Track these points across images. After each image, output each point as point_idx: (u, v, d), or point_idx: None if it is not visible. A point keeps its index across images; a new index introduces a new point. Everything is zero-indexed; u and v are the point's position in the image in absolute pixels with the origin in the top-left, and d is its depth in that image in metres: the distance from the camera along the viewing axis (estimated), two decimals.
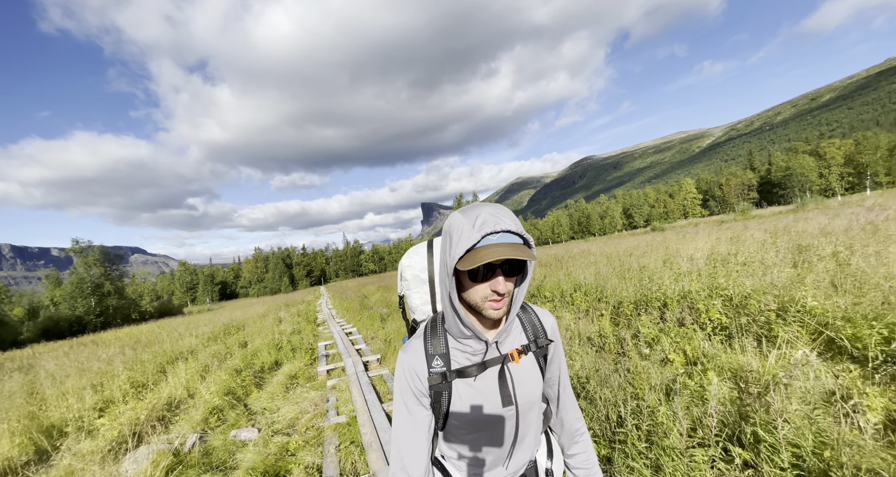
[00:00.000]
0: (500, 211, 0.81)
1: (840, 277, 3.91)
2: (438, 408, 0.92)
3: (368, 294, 17.97)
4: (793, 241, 6.74)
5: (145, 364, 7.59)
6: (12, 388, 6.50)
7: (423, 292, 1.11)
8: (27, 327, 33.02)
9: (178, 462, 3.62)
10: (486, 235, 0.76)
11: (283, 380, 6.02)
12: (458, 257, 0.78)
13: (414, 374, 0.90)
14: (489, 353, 0.92)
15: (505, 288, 0.80)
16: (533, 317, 1.01)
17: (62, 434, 4.82)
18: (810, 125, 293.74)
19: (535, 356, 0.97)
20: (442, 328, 0.95)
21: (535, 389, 0.97)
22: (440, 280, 0.90)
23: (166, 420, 4.95)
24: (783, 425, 1.82)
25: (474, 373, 0.90)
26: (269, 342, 8.67)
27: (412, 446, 0.88)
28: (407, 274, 1.13)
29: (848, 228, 7.70)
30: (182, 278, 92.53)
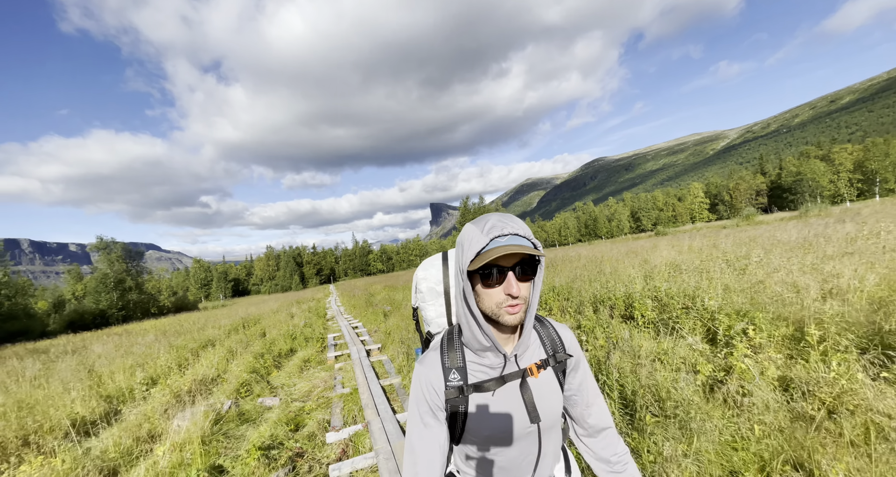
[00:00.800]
0: (508, 217, 0.84)
1: (738, 283, 4.82)
2: (454, 423, 0.90)
3: (375, 293, 19.08)
4: (733, 251, 7.61)
5: (179, 349, 8.79)
6: (71, 366, 7.72)
7: (438, 305, 1.12)
8: (53, 319, 35.02)
9: (219, 418, 4.70)
10: (495, 238, 0.80)
11: (297, 363, 7.11)
12: (469, 260, 0.82)
13: (430, 387, 0.89)
14: (507, 367, 0.90)
15: (518, 290, 0.81)
16: (551, 331, 1.00)
17: (121, 401, 5.97)
18: (829, 128, 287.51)
19: (555, 371, 0.96)
20: (458, 341, 0.94)
21: (556, 405, 0.95)
22: (456, 292, 0.91)
23: (204, 391, 6.05)
24: (616, 374, 2.79)
25: (492, 388, 0.89)
26: (285, 333, 9.81)
27: (426, 460, 0.86)
28: (422, 286, 1.15)
29: (804, 239, 8.52)
30: (197, 275, 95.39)
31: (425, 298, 1.14)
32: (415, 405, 0.91)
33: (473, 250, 0.81)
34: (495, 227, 0.81)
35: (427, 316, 1.15)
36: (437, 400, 0.89)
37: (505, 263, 0.81)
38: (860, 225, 9.71)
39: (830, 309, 3.31)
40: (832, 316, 3.16)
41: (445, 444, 0.90)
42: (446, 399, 0.89)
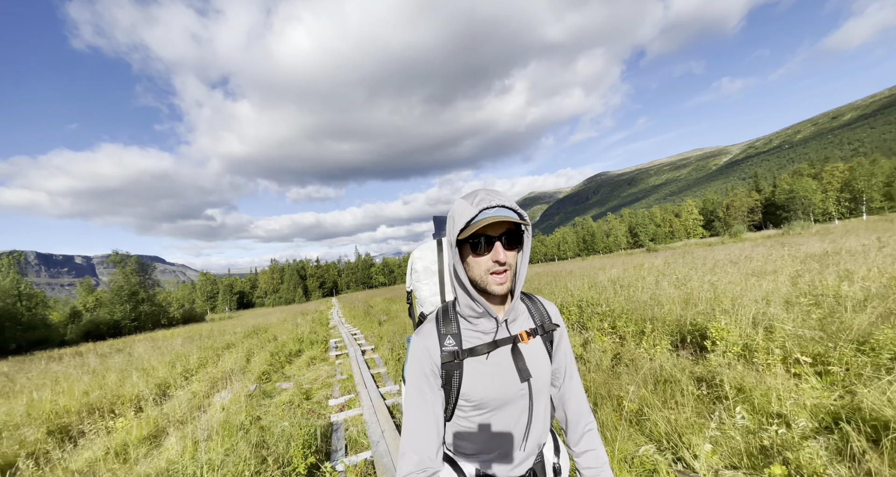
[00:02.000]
0: (495, 191, 0.89)
1: (642, 295, 6.42)
2: (449, 389, 0.93)
3: (374, 305, 20.63)
4: (669, 269, 9.18)
5: (206, 350, 10.41)
6: (119, 363, 9.36)
7: (432, 284, 1.18)
8: (70, 330, 36.71)
9: (249, 395, 6.28)
10: (483, 210, 0.85)
11: (305, 360, 8.69)
12: (459, 230, 0.87)
13: (427, 353, 0.93)
14: (499, 332, 0.95)
15: (505, 257, 0.86)
16: (539, 305, 1.06)
17: (168, 387, 7.56)
18: (831, 144, 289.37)
19: (543, 340, 1.01)
20: (454, 313, 0.99)
21: (545, 371, 0.99)
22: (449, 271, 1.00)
23: (232, 380, 7.64)
24: None
25: (485, 351, 0.93)
26: (293, 338, 11.41)
27: (422, 426, 0.90)
28: (418, 265, 1.21)
29: (731, 260, 10.08)
30: (203, 288, 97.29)
31: (420, 277, 1.20)
32: (411, 375, 0.94)
33: (463, 220, 0.86)
34: (483, 199, 0.86)
35: (421, 296, 1.20)
36: (432, 366, 0.92)
37: (492, 233, 0.87)
38: (825, 242, 11.26)
39: (668, 313, 4.91)
40: (663, 316, 4.77)
41: (441, 414, 0.93)
42: (442, 363, 0.92)
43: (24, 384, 7.98)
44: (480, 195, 0.88)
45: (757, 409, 2.69)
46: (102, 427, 5.08)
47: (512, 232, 0.88)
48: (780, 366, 3.07)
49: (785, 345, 3.28)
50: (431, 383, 0.93)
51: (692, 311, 4.80)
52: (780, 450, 2.23)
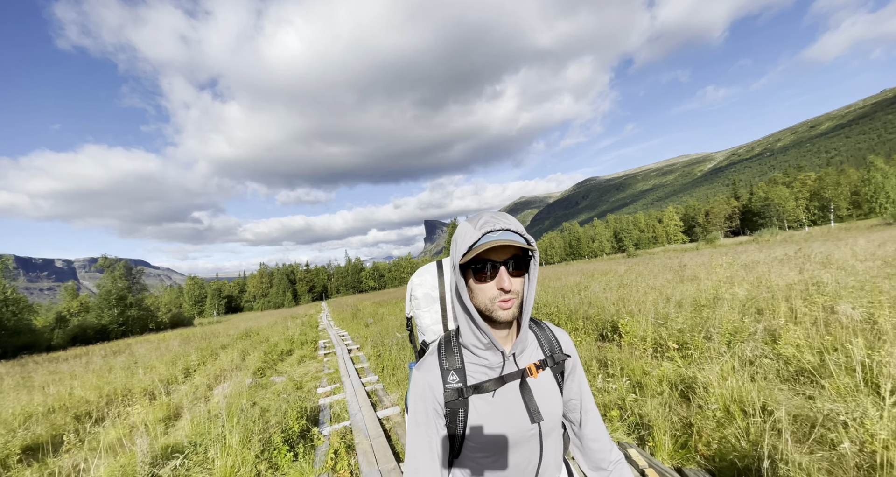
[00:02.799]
0: (501, 214, 0.85)
1: (593, 297, 7.50)
2: (454, 428, 0.87)
3: (362, 308, 21.45)
4: (626, 275, 10.33)
5: (202, 350, 11.18)
6: (125, 361, 10.10)
7: (433, 311, 1.11)
8: (57, 334, 36.56)
9: (247, 387, 7.14)
10: (487, 233, 0.80)
11: (296, 358, 9.56)
12: (461, 254, 0.82)
13: (429, 390, 0.87)
14: (506, 367, 0.89)
15: (510, 284, 0.80)
16: (548, 333, 1.00)
17: (170, 383, 8.37)
18: (810, 152, 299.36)
19: (553, 372, 0.95)
20: (456, 343, 0.92)
21: (557, 408, 0.93)
22: (451, 296, 0.94)
23: (229, 376, 8.48)
24: None
25: (492, 388, 0.87)
26: (284, 339, 12.24)
27: (426, 468, 0.85)
28: (417, 292, 1.14)
29: (669, 267, 11.28)
30: (191, 292, 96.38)
31: (420, 304, 1.13)
32: (413, 414, 0.89)
33: (466, 244, 0.82)
34: (488, 222, 0.82)
35: (422, 324, 1.13)
36: (435, 404, 0.87)
37: (497, 258, 0.82)
38: (765, 251, 12.54)
39: (599, 312, 5.98)
40: (595, 315, 5.84)
41: (446, 454, 0.89)
42: (445, 402, 0.86)
43: (40, 381, 8.69)
44: (485, 218, 0.84)
45: (631, 379, 3.73)
46: (122, 413, 5.91)
47: (518, 257, 0.84)
48: (651, 350, 4.14)
49: (661, 335, 4.35)
50: (435, 423, 0.87)
51: (623, 310, 5.87)
52: (640, 403, 3.29)
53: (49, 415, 5.89)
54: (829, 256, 8.36)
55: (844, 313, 3.68)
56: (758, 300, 5.06)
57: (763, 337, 3.80)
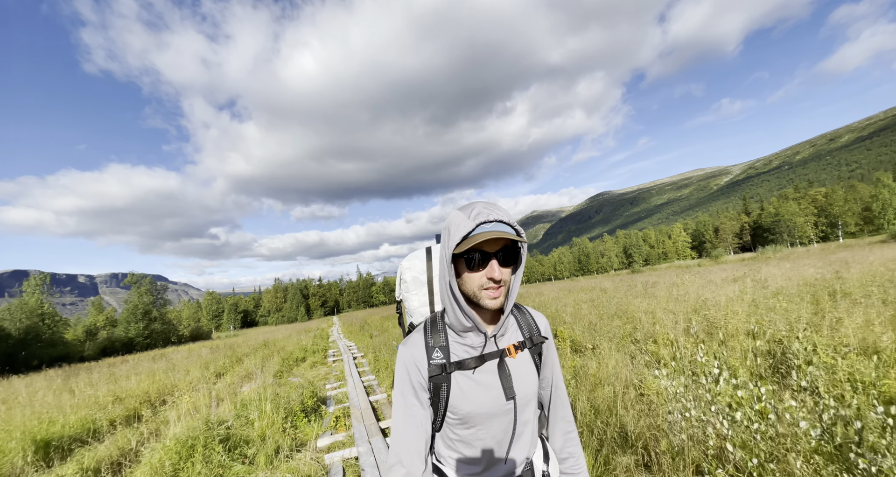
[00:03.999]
0: (494, 205, 0.88)
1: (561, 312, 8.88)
2: (437, 402, 0.94)
3: (370, 322, 22.95)
4: (598, 293, 11.65)
5: (229, 358, 12.85)
6: (165, 365, 11.82)
7: (421, 294, 1.16)
8: (88, 346, 39.06)
9: (269, 384, 8.69)
10: (480, 224, 0.83)
11: (309, 364, 11.11)
12: (455, 244, 0.85)
13: (414, 365, 0.93)
14: (487, 347, 0.95)
15: (500, 274, 0.84)
16: (528, 316, 1.05)
17: (206, 382, 9.98)
18: (829, 165, 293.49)
19: (531, 353, 1.01)
20: (442, 323, 0.98)
21: (532, 385, 0.99)
22: (439, 279, 0.97)
23: (253, 377, 10.05)
24: None
25: (473, 365, 0.93)
26: (298, 348, 13.83)
27: (409, 439, 0.90)
28: (406, 275, 1.19)
29: (642, 285, 12.52)
30: (209, 307, 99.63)
31: (409, 287, 1.19)
32: (399, 387, 0.94)
33: (459, 234, 0.84)
34: (481, 213, 0.84)
35: (410, 306, 1.20)
36: (420, 378, 0.93)
37: (489, 249, 0.85)
38: (747, 268, 13.70)
39: (553, 322, 7.39)
40: (562, 331, 7.26)
41: (429, 427, 0.94)
42: (429, 376, 0.92)
43: (96, 381, 10.45)
44: (478, 208, 0.86)
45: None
46: (176, 400, 7.52)
47: (508, 248, 0.88)
48: (570, 349, 5.56)
49: (584, 338, 5.78)
50: (420, 396, 0.93)
51: (569, 320, 7.26)
52: None
53: (118, 402, 7.54)
54: (767, 277, 9.57)
55: (694, 326, 5.07)
56: (673, 312, 6.43)
57: (644, 340, 5.20)
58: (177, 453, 4.00)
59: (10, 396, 9.56)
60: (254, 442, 4.45)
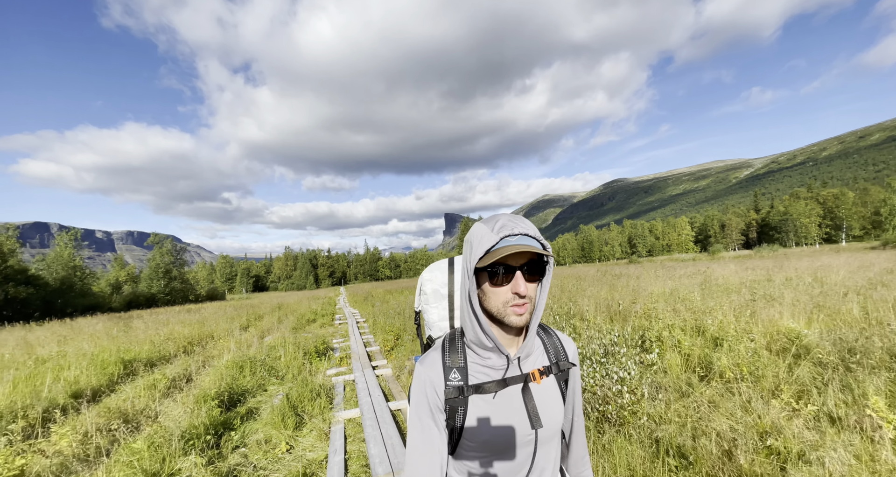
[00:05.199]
0: (518, 218, 0.84)
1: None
2: (452, 424, 0.88)
3: (374, 294, 25.01)
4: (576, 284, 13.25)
5: (250, 315, 14.93)
6: (198, 317, 13.93)
7: (441, 308, 1.14)
8: (115, 299, 42.29)
9: (288, 336, 10.66)
10: (505, 237, 0.79)
11: (318, 324, 13.08)
12: (478, 257, 0.81)
13: (431, 386, 0.88)
14: (510, 370, 0.89)
15: (525, 289, 0.80)
16: (555, 339, 0.99)
17: (230, 333, 12.02)
18: (856, 164, 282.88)
19: (557, 380, 0.94)
20: (461, 342, 0.93)
21: (557, 415, 0.93)
22: (461, 293, 0.91)
23: (273, 330, 12.06)
24: None
25: (493, 390, 0.86)
26: (309, 311, 15.86)
27: (424, 461, 0.86)
28: (427, 288, 1.17)
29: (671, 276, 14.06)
30: (223, 270, 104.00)
31: (429, 300, 1.16)
32: (415, 407, 0.90)
33: (483, 248, 0.80)
34: (505, 226, 0.81)
35: (429, 319, 1.16)
36: (436, 400, 0.87)
37: (513, 263, 0.81)
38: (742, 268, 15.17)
39: None
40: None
41: (444, 449, 0.88)
42: (446, 399, 0.87)
43: (147, 326, 12.61)
44: (502, 221, 0.83)
45: None
46: (216, 344, 9.49)
47: (533, 262, 0.83)
48: None
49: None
50: (436, 418, 0.88)
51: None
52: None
53: (170, 342, 9.55)
54: (717, 276, 11.05)
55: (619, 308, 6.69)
56: (610, 299, 8.04)
57: (572, 317, 6.84)
58: (230, 370, 5.86)
59: (77, 333, 11.72)
60: (282, 369, 6.30)
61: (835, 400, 3.04)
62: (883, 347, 3.61)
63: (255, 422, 4.25)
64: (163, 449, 3.25)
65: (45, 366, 6.85)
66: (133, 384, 6.09)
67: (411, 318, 10.26)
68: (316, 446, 3.60)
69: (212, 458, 3.35)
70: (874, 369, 3.37)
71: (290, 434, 3.82)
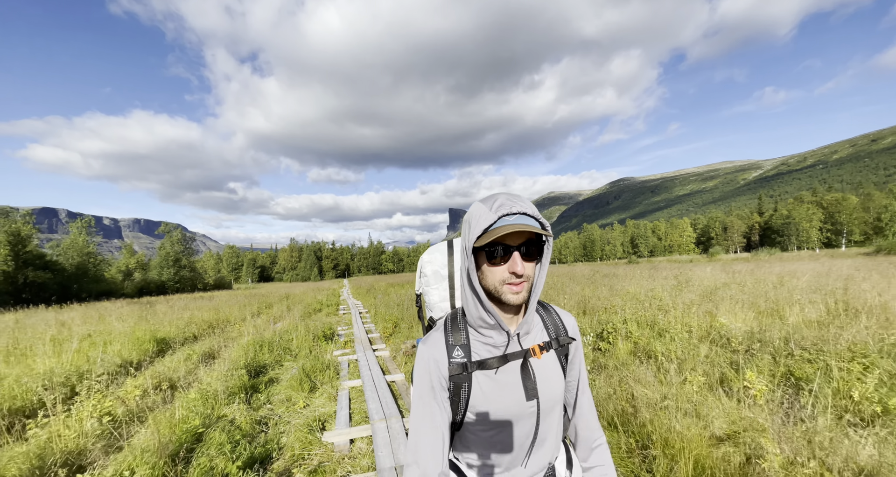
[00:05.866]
0: (517, 196, 0.83)
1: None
2: (457, 401, 0.91)
3: (377, 287, 26.04)
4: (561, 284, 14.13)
5: (260, 303, 15.99)
6: (213, 304, 15.01)
7: (441, 288, 1.15)
8: (127, 285, 43.76)
9: (298, 322, 11.66)
10: (503, 216, 0.79)
11: (324, 314, 14.10)
12: (475, 237, 0.81)
13: (434, 364, 0.90)
14: (510, 346, 0.91)
15: (523, 268, 0.80)
16: (554, 316, 1.01)
17: (243, 319, 13.06)
18: (867, 168, 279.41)
19: (557, 354, 0.97)
20: (463, 321, 0.95)
21: (557, 388, 0.96)
22: (460, 274, 0.94)
23: (283, 317, 13.08)
24: None
25: (495, 365, 0.89)
26: (315, 301, 16.90)
27: (426, 440, 0.88)
28: (427, 269, 1.18)
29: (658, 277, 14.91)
30: (229, 259, 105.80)
31: (430, 281, 1.17)
32: (418, 386, 0.92)
33: (481, 227, 0.80)
34: (504, 205, 0.80)
35: (430, 300, 1.18)
36: (440, 377, 0.90)
37: (511, 242, 0.81)
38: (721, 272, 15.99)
39: None
40: None
41: (447, 428, 0.91)
42: (450, 375, 0.89)
43: (167, 310, 13.72)
44: (500, 200, 0.82)
45: None
46: (233, 327, 10.51)
47: (532, 241, 0.84)
48: None
49: None
50: (438, 397, 0.90)
51: None
52: None
53: (191, 325, 10.59)
54: (701, 278, 11.87)
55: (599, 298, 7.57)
56: (587, 296, 8.92)
57: None
58: (251, 347, 6.85)
59: (106, 315, 12.81)
60: (294, 349, 7.28)
61: (728, 374, 3.94)
62: (780, 337, 4.49)
63: (276, 386, 5.23)
64: (210, 400, 4.22)
65: (89, 340, 7.88)
66: (169, 357, 7.10)
67: (410, 308, 11.24)
68: (326, 405, 4.55)
69: (246, 410, 4.32)
70: (763, 353, 4.26)
71: (306, 396, 4.78)
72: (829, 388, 3.36)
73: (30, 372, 5.37)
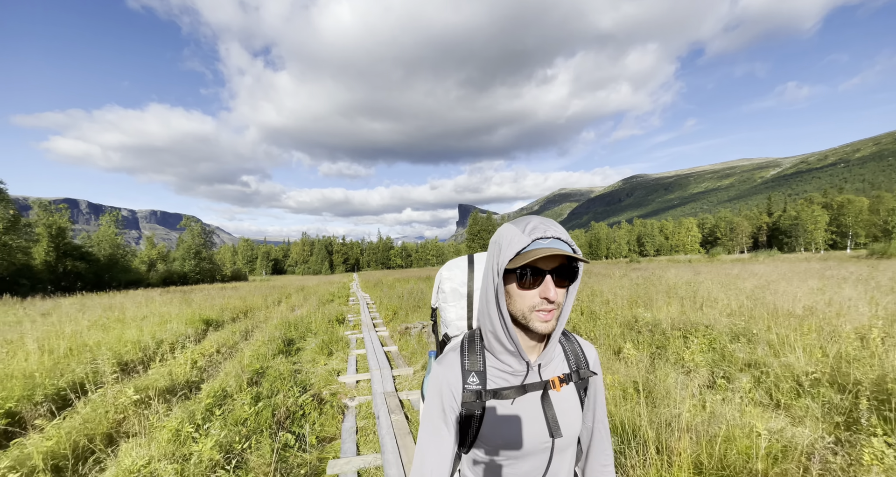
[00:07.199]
0: (549, 221, 0.81)
1: None
2: (468, 428, 0.87)
3: (385, 281, 27.96)
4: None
5: (279, 294, 18.02)
6: (239, 294, 17.09)
7: (459, 307, 1.10)
8: (152, 275, 46.70)
9: (315, 309, 13.58)
10: (537, 240, 0.77)
11: (336, 304, 16.01)
12: (507, 259, 0.78)
13: (448, 387, 0.86)
14: (529, 377, 0.87)
15: (555, 294, 0.78)
16: (576, 346, 0.97)
17: (266, 306, 15.05)
18: (890, 167, 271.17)
19: (577, 388, 0.93)
20: (480, 345, 0.90)
21: (575, 424, 0.91)
22: (482, 293, 0.88)
23: (301, 306, 15.03)
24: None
25: (512, 396, 0.85)
26: (328, 293, 18.88)
27: (432, 463, 0.85)
28: (445, 286, 1.14)
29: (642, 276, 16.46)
30: (244, 252, 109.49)
31: (447, 298, 1.13)
32: (428, 407, 0.89)
33: (513, 249, 0.77)
34: (537, 228, 0.78)
35: (447, 318, 1.14)
36: (452, 402, 0.86)
37: (544, 266, 0.79)
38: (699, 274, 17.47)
39: None
40: None
41: (453, 452, 0.88)
42: (462, 402, 0.86)
43: (202, 298, 15.82)
44: (533, 223, 0.80)
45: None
46: (260, 313, 12.48)
47: (564, 267, 0.80)
48: None
49: None
50: (448, 420, 0.87)
51: None
52: None
53: (226, 310, 12.58)
54: (668, 278, 13.37)
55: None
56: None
57: None
58: (281, 326, 8.73)
59: (149, 301, 14.93)
60: (314, 329, 9.13)
61: (623, 346, 5.61)
62: (700, 324, 6.12)
63: (303, 353, 7.09)
64: (261, 357, 6.08)
65: (148, 320, 9.86)
66: (217, 334, 9.04)
67: (408, 299, 13.03)
68: (340, 364, 6.37)
69: (286, 361, 6.18)
70: (656, 333, 5.92)
71: (326, 358, 6.61)
72: (670, 352, 5.05)
73: (121, 337, 7.31)
